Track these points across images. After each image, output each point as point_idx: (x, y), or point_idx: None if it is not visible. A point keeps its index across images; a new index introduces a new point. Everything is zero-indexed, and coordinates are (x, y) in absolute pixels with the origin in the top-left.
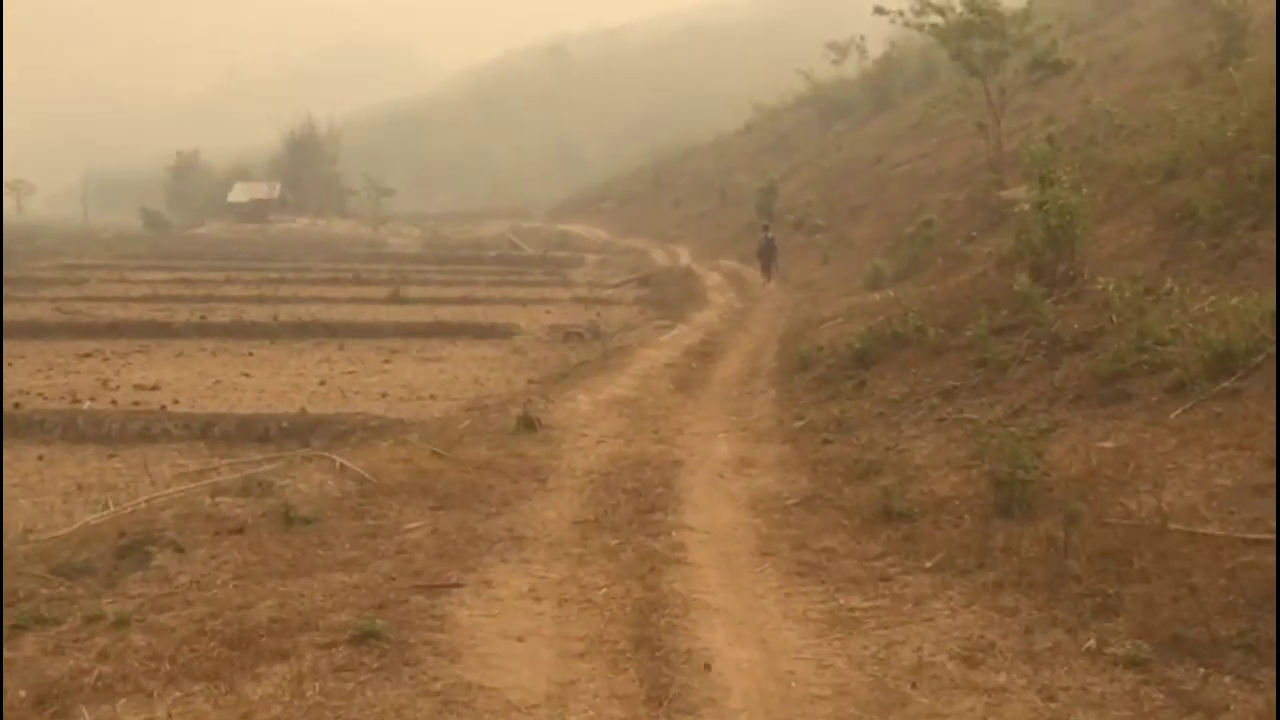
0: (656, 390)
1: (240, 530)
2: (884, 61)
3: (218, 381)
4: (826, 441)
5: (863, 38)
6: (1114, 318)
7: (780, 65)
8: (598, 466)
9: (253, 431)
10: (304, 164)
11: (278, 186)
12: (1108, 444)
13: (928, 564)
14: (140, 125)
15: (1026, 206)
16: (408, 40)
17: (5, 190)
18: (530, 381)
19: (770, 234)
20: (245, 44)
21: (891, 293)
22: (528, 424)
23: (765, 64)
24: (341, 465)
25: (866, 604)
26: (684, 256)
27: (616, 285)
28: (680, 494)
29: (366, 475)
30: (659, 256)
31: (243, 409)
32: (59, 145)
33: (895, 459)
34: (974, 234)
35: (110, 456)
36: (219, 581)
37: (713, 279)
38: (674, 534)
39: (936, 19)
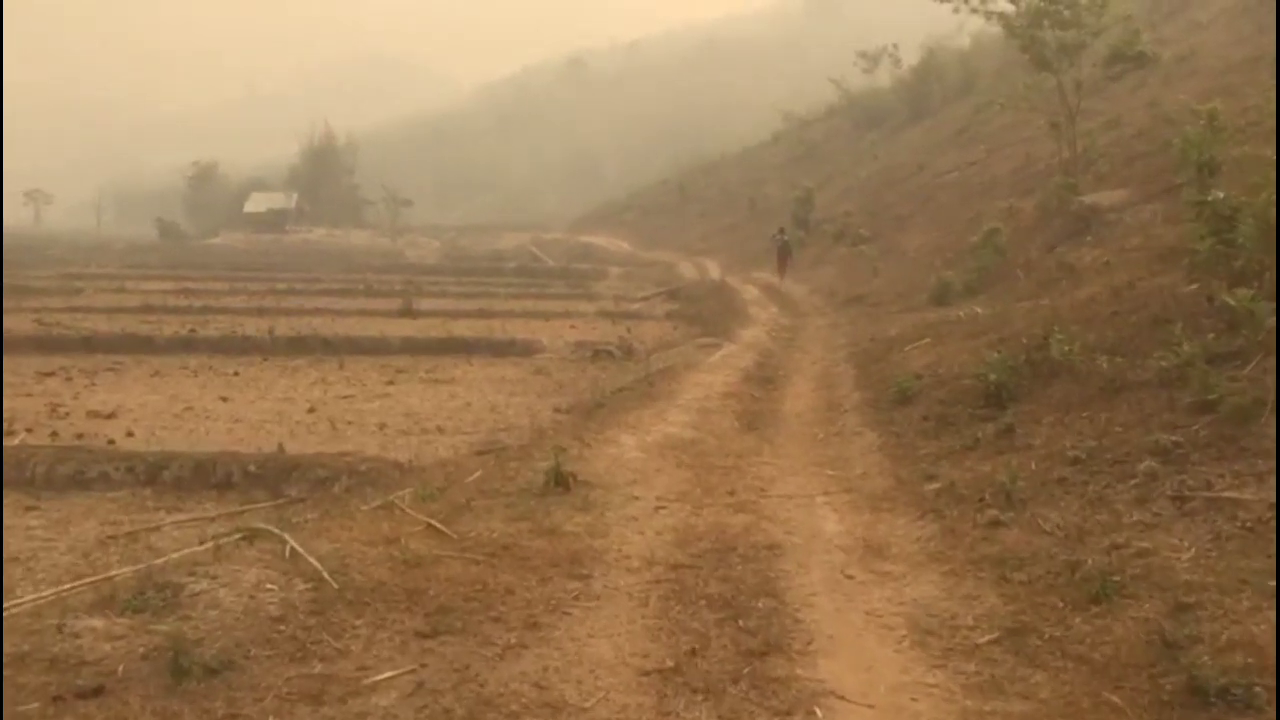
0: (719, 429)
1: (97, 692)
2: (922, 69)
3: (188, 408)
4: (997, 523)
5: (895, 46)
6: None
7: (800, 79)
8: (662, 552)
9: (211, 476)
10: (322, 175)
11: (295, 197)
12: None
13: None
14: (161, 137)
15: (1220, 195)
16: (424, 56)
17: (24, 199)
18: (557, 411)
19: (785, 236)
20: (264, 58)
21: (979, 309)
22: (559, 480)
23: (785, 77)
24: (292, 551)
25: None
26: (713, 270)
27: (644, 298)
28: (797, 611)
29: (325, 574)
30: (686, 269)
31: (206, 446)
32: (81, 156)
33: (1139, 567)
34: (1087, 239)
35: (29, 509)
36: None
37: (750, 292)
38: (819, 715)
39: (1005, 5)
